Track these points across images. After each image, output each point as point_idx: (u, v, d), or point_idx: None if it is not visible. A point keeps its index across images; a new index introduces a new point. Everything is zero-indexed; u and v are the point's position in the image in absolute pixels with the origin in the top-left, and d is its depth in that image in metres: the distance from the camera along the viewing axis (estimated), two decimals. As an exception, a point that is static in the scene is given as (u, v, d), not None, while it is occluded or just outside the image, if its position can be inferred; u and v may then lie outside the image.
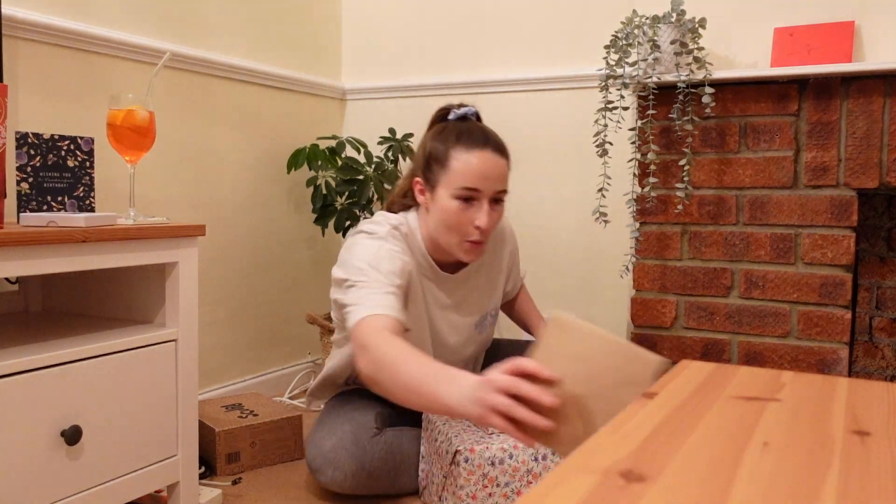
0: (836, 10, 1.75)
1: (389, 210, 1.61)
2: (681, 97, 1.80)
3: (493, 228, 1.51)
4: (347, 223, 2.27)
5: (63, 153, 1.44)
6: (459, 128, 1.51)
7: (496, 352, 1.86)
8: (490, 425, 0.94)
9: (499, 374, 0.94)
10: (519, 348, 1.88)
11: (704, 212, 1.86)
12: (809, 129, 1.75)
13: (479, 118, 1.60)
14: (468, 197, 1.46)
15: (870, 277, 1.95)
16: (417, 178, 1.53)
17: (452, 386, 1.02)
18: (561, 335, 0.92)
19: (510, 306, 1.92)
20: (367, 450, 1.52)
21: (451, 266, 1.62)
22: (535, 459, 1.42)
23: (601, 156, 1.85)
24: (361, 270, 1.37)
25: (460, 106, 1.59)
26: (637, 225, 1.92)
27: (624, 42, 1.80)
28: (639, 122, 1.86)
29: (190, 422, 1.45)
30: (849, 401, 0.73)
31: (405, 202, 1.60)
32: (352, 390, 1.73)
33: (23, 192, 1.38)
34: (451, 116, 1.57)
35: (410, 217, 1.57)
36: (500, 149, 1.50)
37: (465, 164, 1.45)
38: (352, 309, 1.32)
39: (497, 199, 1.49)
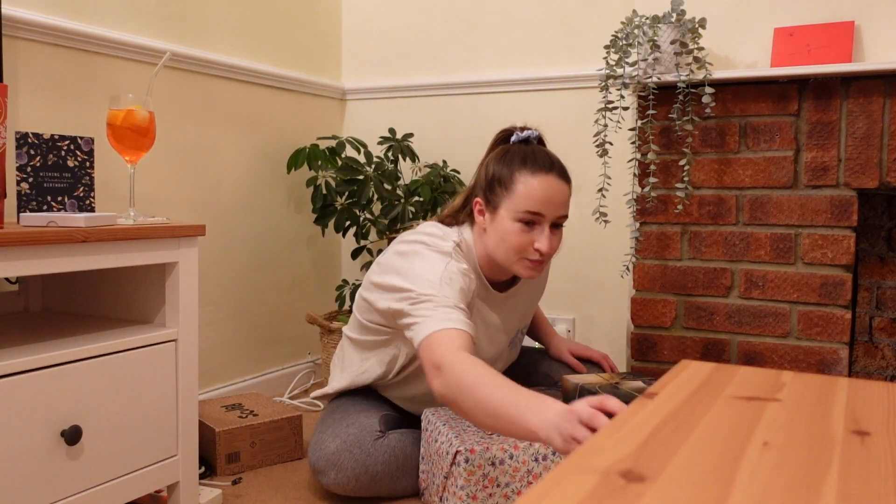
0: (836, 10, 1.75)
1: (441, 223, 1.61)
2: (681, 97, 1.80)
3: (554, 253, 1.52)
4: (347, 223, 2.27)
5: (63, 153, 1.44)
6: (524, 151, 1.51)
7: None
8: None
9: (582, 405, 0.99)
10: (530, 354, 1.91)
11: (704, 212, 1.86)
12: (809, 129, 1.75)
13: (540, 141, 1.60)
14: (530, 220, 1.46)
15: (870, 277, 1.95)
16: (478, 199, 1.54)
17: (542, 414, 1.06)
18: None
19: None
20: (371, 453, 1.52)
21: (500, 284, 1.64)
22: (536, 460, 1.42)
23: (601, 156, 1.85)
24: (432, 284, 1.37)
25: (523, 129, 1.59)
26: (637, 225, 1.92)
27: (624, 42, 1.80)
28: (639, 122, 1.86)
29: (190, 422, 1.45)
30: (849, 401, 0.73)
31: (460, 217, 1.61)
32: (355, 391, 1.73)
33: (23, 192, 1.38)
34: (513, 139, 1.57)
35: (465, 233, 1.57)
36: (564, 174, 1.51)
37: (530, 187, 1.46)
38: (421, 321, 1.32)
39: (557, 224, 1.50)
